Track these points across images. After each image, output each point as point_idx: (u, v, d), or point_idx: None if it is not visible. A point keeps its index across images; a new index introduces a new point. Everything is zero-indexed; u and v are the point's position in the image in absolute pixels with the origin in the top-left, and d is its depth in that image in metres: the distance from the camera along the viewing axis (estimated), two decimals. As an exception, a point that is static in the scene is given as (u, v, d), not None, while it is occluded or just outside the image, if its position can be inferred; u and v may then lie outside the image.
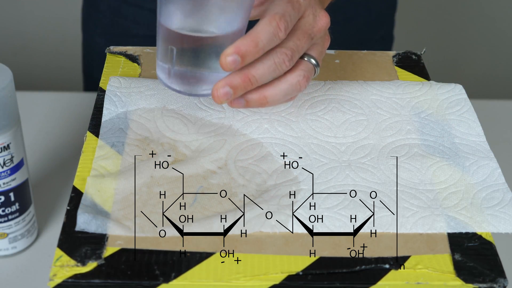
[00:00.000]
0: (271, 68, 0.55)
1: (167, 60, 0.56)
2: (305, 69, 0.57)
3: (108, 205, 0.51)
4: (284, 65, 0.55)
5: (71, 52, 1.74)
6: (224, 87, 0.54)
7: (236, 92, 0.55)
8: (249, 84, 0.55)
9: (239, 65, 0.53)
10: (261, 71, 0.55)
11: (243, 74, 0.54)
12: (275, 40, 0.54)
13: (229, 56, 0.52)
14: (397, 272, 0.48)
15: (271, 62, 0.55)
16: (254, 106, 0.57)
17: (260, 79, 0.55)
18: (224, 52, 0.53)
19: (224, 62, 0.53)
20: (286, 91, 0.57)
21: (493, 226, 0.52)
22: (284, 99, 0.57)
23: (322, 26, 0.57)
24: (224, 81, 0.54)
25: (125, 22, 0.98)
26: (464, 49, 1.88)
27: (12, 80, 0.65)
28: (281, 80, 0.56)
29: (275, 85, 0.56)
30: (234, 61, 0.53)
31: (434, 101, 0.63)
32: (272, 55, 0.55)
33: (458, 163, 0.57)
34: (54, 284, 0.46)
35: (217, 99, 0.55)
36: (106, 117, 0.60)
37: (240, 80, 0.54)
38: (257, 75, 0.55)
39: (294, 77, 0.56)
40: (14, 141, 0.67)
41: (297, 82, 0.56)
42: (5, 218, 0.70)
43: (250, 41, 0.53)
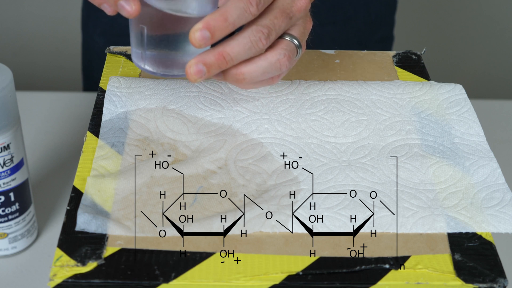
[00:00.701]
0: (246, 46, 0.53)
1: (139, 43, 0.56)
2: (286, 48, 0.55)
3: (108, 205, 0.51)
4: (260, 43, 0.54)
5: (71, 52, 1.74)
6: (198, 65, 0.53)
7: (210, 70, 0.53)
8: (224, 62, 0.53)
9: (209, 41, 0.52)
10: (236, 49, 0.53)
11: (217, 52, 0.53)
12: (246, 15, 0.53)
13: (198, 31, 0.51)
14: (397, 272, 0.48)
15: (247, 40, 0.53)
16: (231, 81, 0.56)
17: (235, 57, 0.53)
18: (193, 28, 0.52)
19: (193, 38, 0.52)
20: (265, 69, 0.55)
21: (493, 226, 0.52)
22: (262, 77, 0.56)
23: (301, 6, 0.56)
24: (197, 59, 0.53)
25: (125, 22, 0.98)
26: (464, 49, 1.88)
27: (12, 80, 0.65)
28: (260, 57, 0.55)
29: (254, 62, 0.55)
30: (203, 36, 0.51)
31: (434, 101, 0.63)
32: (247, 33, 0.53)
33: (458, 163, 0.57)
34: (54, 284, 0.46)
35: (190, 77, 0.53)
36: (106, 117, 0.60)
37: (213, 58, 0.53)
38: (232, 53, 0.53)
39: (274, 55, 0.55)
40: (14, 141, 0.68)
41: (277, 60, 0.55)
42: (5, 218, 0.70)
43: (219, 16, 0.52)
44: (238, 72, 0.55)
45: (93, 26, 1.02)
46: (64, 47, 1.81)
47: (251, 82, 0.56)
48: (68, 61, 1.78)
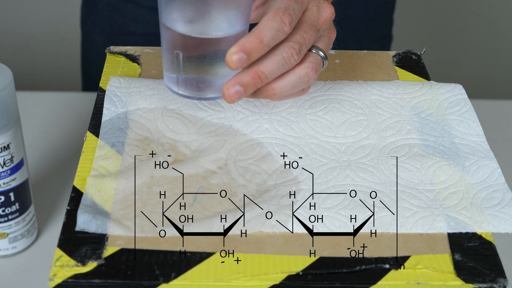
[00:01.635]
0: (280, 63, 0.55)
1: (174, 68, 0.56)
2: (313, 61, 0.57)
3: (108, 205, 0.51)
4: (292, 59, 0.55)
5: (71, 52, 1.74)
6: (235, 86, 0.54)
7: (246, 90, 0.54)
8: (259, 80, 0.54)
9: (245, 63, 0.53)
10: (270, 67, 0.54)
11: (252, 72, 0.54)
12: (280, 35, 0.54)
13: (235, 54, 0.52)
14: (397, 272, 0.48)
15: (279, 58, 0.54)
16: (261, 97, 0.57)
17: (270, 75, 0.55)
18: (229, 51, 0.53)
19: (230, 61, 0.53)
20: (294, 83, 0.56)
21: (493, 226, 0.52)
22: (292, 91, 0.57)
23: (327, 17, 0.57)
24: (234, 80, 0.54)
25: (124, 20, 0.98)
26: (464, 49, 1.88)
27: (12, 80, 0.65)
28: (289, 72, 0.56)
29: (283, 77, 0.56)
30: (240, 59, 0.52)
31: (434, 101, 0.63)
32: (279, 50, 0.55)
33: (458, 163, 0.57)
34: (54, 284, 0.46)
35: (228, 99, 0.54)
36: (106, 117, 0.60)
37: (249, 78, 0.54)
38: (266, 71, 0.54)
39: (303, 69, 0.56)
40: (14, 141, 0.67)
41: (305, 74, 0.56)
42: (5, 218, 0.70)
43: (254, 37, 0.53)
44: (268, 88, 0.56)
45: (92, 25, 1.02)
46: (64, 47, 1.81)
47: (281, 97, 0.57)
48: (67, 61, 1.78)
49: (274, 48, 0.55)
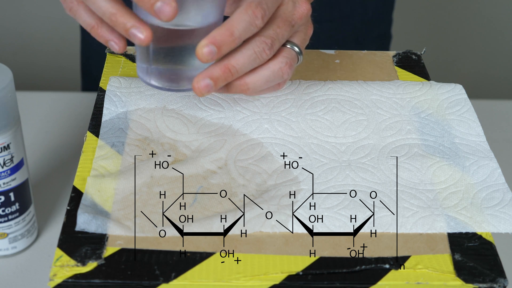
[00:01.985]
0: (251, 58, 0.54)
1: (144, 58, 0.56)
2: (287, 56, 0.56)
3: (108, 205, 0.52)
4: (264, 53, 0.54)
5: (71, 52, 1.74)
6: (205, 79, 0.53)
7: (216, 84, 0.54)
8: (230, 74, 0.54)
9: (215, 56, 0.52)
10: (241, 61, 0.54)
11: (223, 65, 0.53)
12: (251, 29, 0.53)
13: (205, 47, 0.52)
14: (397, 272, 0.48)
15: (251, 52, 0.54)
16: (235, 92, 0.56)
17: (241, 69, 0.54)
18: (199, 43, 0.52)
19: (200, 53, 0.52)
20: (268, 77, 0.56)
21: (493, 226, 0.52)
22: (266, 86, 0.57)
23: (302, 13, 0.57)
24: (204, 73, 0.53)
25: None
26: (464, 49, 1.88)
27: (12, 80, 0.65)
28: (263, 67, 0.56)
29: (256, 72, 0.55)
30: (210, 51, 0.52)
31: (434, 101, 0.63)
32: (251, 44, 0.54)
33: (458, 163, 0.57)
34: (54, 284, 0.46)
35: (198, 92, 0.54)
36: (106, 117, 0.60)
37: (220, 71, 0.53)
38: (237, 65, 0.54)
39: (276, 64, 0.56)
40: (14, 141, 0.67)
41: (279, 69, 0.56)
42: (5, 218, 0.70)
43: (225, 30, 0.52)
44: (242, 83, 0.55)
45: None
46: (64, 47, 1.81)
47: (255, 91, 0.56)
48: (67, 61, 1.78)
49: (246, 42, 0.54)
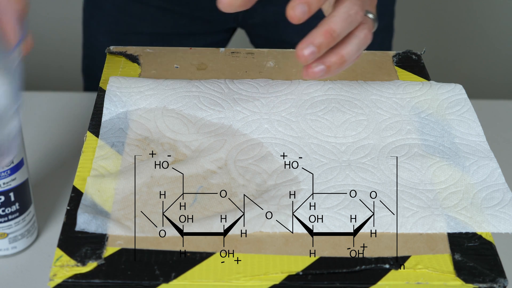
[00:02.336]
0: (348, 20, 0.56)
1: None
2: (366, 23, 0.58)
3: (108, 205, 0.52)
4: (358, 15, 0.56)
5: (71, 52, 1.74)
6: (308, 47, 0.55)
7: (320, 50, 0.55)
8: (331, 39, 0.55)
9: (307, 15, 0.54)
10: (340, 24, 0.55)
11: (324, 31, 0.55)
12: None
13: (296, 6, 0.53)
14: (397, 272, 0.48)
15: (346, 15, 0.56)
16: (334, 68, 0.57)
17: (341, 33, 0.56)
18: (289, 4, 0.54)
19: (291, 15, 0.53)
20: (358, 45, 0.58)
21: (493, 226, 0.52)
22: (357, 55, 0.58)
23: None
24: (307, 40, 0.55)
25: (131, 20, 0.98)
26: (464, 49, 1.88)
27: (12, 80, 0.65)
28: (350, 37, 0.57)
29: (347, 42, 0.57)
30: (303, 11, 0.53)
31: (434, 101, 0.63)
32: (344, 8, 0.56)
33: (458, 163, 0.57)
34: (54, 284, 0.46)
35: (303, 60, 0.55)
36: (106, 117, 0.60)
37: (322, 37, 0.55)
38: (338, 29, 0.55)
39: (361, 31, 0.58)
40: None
41: (364, 35, 0.58)
42: (5, 218, 0.70)
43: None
44: (339, 56, 0.57)
45: (97, 25, 1.02)
46: (64, 47, 1.81)
47: (350, 62, 0.58)
48: (68, 61, 1.78)
49: (337, 8, 0.56)
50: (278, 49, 0.70)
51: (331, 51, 0.57)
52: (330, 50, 0.57)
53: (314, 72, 0.57)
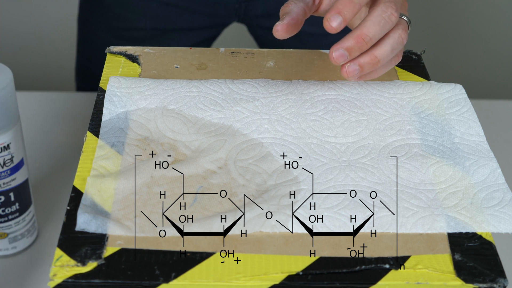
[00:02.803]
0: (381, 23, 0.57)
1: None
2: (401, 24, 0.60)
3: (108, 205, 0.52)
4: (393, 16, 0.58)
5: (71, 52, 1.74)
6: (338, 50, 0.57)
7: (351, 54, 0.58)
8: (364, 43, 0.57)
9: (342, 25, 0.57)
10: (373, 29, 0.57)
11: (356, 36, 0.57)
12: None
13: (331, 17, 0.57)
14: (397, 272, 0.48)
15: (380, 18, 0.57)
16: (367, 68, 0.60)
17: (374, 37, 0.58)
18: (325, 16, 0.56)
19: (328, 26, 0.56)
20: (392, 46, 0.59)
21: (493, 226, 0.52)
22: (391, 55, 0.60)
23: None
24: (339, 44, 0.57)
25: (131, 15, 0.98)
26: (464, 49, 1.88)
27: (12, 80, 0.65)
28: (384, 38, 0.59)
29: (381, 43, 0.59)
30: (337, 21, 0.56)
31: (434, 101, 0.63)
32: (378, 11, 0.57)
33: (458, 163, 0.57)
34: (54, 284, 0.46)
35: (333, 61, 0.58)
36: (106, 117, 0.60)
37: (354, 42, 0.57)
38: (370, 33, 0.57)
39: (396, 32, 0.59)
40: (14, 141, 0.67)
41: (399, 35, 0.59)
42: (5, 218, 0.70)
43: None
44: (372, 57, 0.59)
45: (96, 22, 1.01)
46: (64, 47, 1.81)
47: (384, 63, 0.60)
48: (67, 61, 1.78)
49: (371, 12, 0.57)
50: (278, 49, 0.70)
51: (365, 52, 0.59)
52: (365, 51, 0.59)
53: (348, 72, 0.59)
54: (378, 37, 0.58)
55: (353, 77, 0.60)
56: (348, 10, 0.57)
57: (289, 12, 0.60)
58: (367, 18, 0.58)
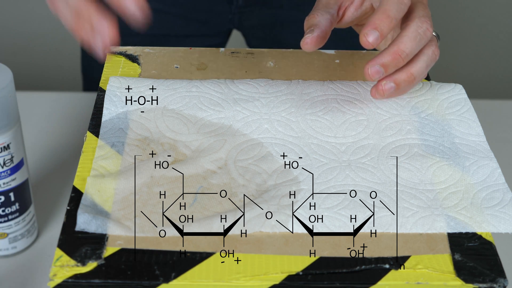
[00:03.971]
0: (417, 39, 0.57)
1: None
2: (432, 40, 0.60)
3: (108, 205, 0.52)
4: (428, 32, 0.57)
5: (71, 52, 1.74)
6: (374, 66, 0.57)
7: (387, 70, 0.58)
8: (400, 59, 0.57)
9: (379, 40, 0.56)
10: (409, 44, 0.57)
11: (392, 52, 0.57)
12: (402, 7, 0.57)
13: (369, 33, 0.56)
14: (397, 272, 0.48)
15: (415, 34, 0.57)
16: (403, 86, 0.59)
17: (410, 52, 0.57)
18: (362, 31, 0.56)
19: (365, 41, 0.56)
20: (427, 62, 0.59)
21: (493, 226, 0.52)
22: (426, 72, 0.60)
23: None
24: (375, 60, 0.57)
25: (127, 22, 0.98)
26: (464, 49, 1.88)
27: (12, 80, 0.65)
28: (419, 54, 0.59)
29: (416, 60, 0.59)
30: (375, 37, 0.56)
31: (434, 101, 0.63)
32: (413, 27, 0.57)
33: (458, 163, 0.57)
34: (54, 284, 0.46)
35: (368, 77, 0.58)
36: (106, 117, 0.60)
37: (390, 58, 0.57)
38: (407, 49, 0.57)
39: (429, 48, 0.59)
40: (14, 141, 0.68)
41: (432, 52, 0.59)
42: (5, 218, 0.70)
43: (381, 14, 0.56)
44: (408, 74, 0.59)
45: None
46: (64, 47, 1.81)
47: (419, 79, 0.60)
48: (67, 61, 1.78)
49: (406, 27, 0.57)
50: (278, 49, 0.70)
51: (401, 69, 0.59)
52: (400, 68, 0.59)
53: (384, 90, 0.59)
54: (414, 53, 0.58)
55: (388, 95, 0.60)
56: (385, 25, 0.56)
57: (317, 24, 0.59)
58: (403, 33, 0.57)
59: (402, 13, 0.57)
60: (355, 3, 0.63)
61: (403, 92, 0.62)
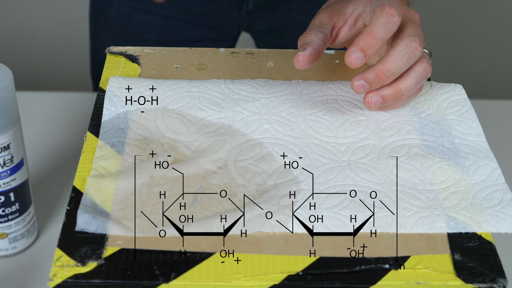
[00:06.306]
0: (404, 58, 0.57)
1: None
2: (424, 57, 0.60)
3: (108, 205, 0.52)
4: (416, 51, 0.58)
5: (71, 52, 1.74)
6: (359, 81, 0.58)
7: (372, 86, 0.58)
8: (385, 78, 0.58)
9: (363, 60, 0.57)
10: (395, 64, 0.57)
11: (377, 71, 0.58)
12: (391, 27, 0.57)
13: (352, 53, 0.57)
14: (397, 272, 0.48)
15: (403, 53, 0.57)
16: (390, 101, 0.59)
17: (396, 71, 0.58)
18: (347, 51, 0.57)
19: (349, 60, 0.57)
20: (416, 79, 0.59)
21: (493, 226, 0.52)
22: (415, 89, 0.60)
23: (418, 16, 0.62)
24: (359, 76, 0.58)
25: (136, 28, 1.00)
26: (464, 49, 1.88)
27: (12, 80, 0.65)
28: (409, 71, 0.59)
29: (406, 76, 0.59)
30: (357, 57, 0.57)
31: (434, 101, 0.63)
32: (401, 46, 0.57)
33: (458, 163, 0.57)
34: (54, 284, 0.46)
35: (353, 89, 0.58)
36: (106, 117, 0.60)
37: (374, 76, 0.57)
38: (392, 68, 0.57)
39: (419, 65, 0.59)
40: (14, 141, 0.68)
41: (423, 69, 0.59)
42: (5, 218, 0.70)
43: (366, 35, 0.57)
44: (396, 90, 0.59)
45: (103, 33, 1.03)
46: (64, 47, 1.81)
47: (407, 96, 0.60)
48: (68, 61, 1.78)
49: (394, 46, 0.58)
50: (278, 49, 0.70)
51: (389, 84, 0.59)
52: (389, 84, 0.59)
53: (370, 102, 0.60)
54: (400, 72, 0.58)
55: (374, 108, 0.60)
56: (370, 46, 0.57)
57: (310, 42, 0.60)
58: (390, 52, 0.57)
59: (391, 33, 0.58)
60: (348, 22, 0.63)
61: (392, 108, 0.61)
